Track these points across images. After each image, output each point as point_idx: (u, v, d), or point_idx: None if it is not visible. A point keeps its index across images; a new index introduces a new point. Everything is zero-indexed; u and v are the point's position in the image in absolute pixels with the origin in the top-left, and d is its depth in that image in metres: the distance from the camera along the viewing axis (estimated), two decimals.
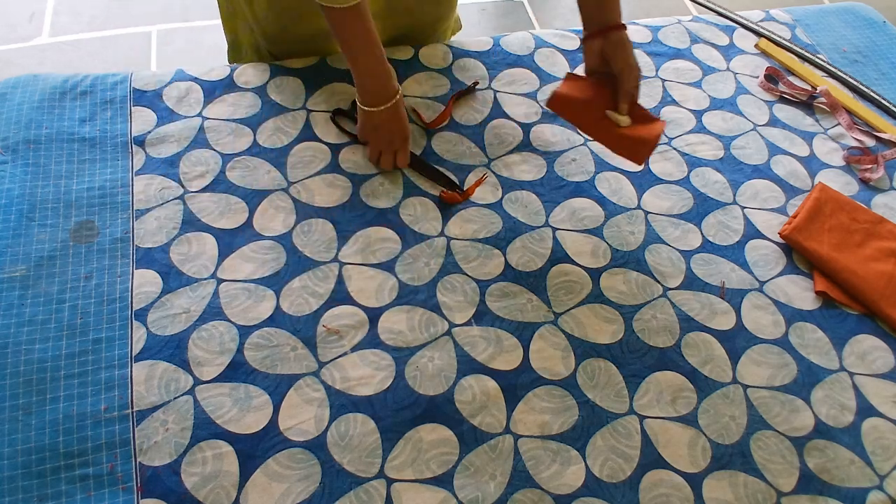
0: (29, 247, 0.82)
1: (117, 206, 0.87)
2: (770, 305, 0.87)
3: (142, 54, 1.88)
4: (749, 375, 0.80)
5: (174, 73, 1.01)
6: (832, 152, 1.05)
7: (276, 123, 0.97)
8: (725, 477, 0.73)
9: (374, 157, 0.93)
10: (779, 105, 1.11)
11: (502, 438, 0.73)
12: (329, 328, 0.79)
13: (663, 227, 0.93)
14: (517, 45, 1.13)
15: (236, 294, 0.81)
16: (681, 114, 1.07)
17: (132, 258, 0.82)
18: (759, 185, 0.99)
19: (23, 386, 0.72)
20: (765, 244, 0.93)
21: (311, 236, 0.86)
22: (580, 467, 0.72)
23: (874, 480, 0.74)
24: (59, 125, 0.93)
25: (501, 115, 1.03)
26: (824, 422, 0.78)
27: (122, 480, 0.68)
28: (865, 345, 0.85)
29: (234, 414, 0.72)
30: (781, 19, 1.26)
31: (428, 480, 0.70)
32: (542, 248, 0.89)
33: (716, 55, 1.17)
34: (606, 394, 0.77)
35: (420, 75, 1.06)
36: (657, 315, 0.84)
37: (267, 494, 0.68)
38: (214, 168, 0.91)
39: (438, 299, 0.83)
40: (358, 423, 0.73)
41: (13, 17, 1.93)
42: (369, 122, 0.90)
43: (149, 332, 0.77)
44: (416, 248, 0.87)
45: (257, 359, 0.76)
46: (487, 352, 0.79)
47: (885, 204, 0.99)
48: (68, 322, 0.77)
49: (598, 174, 0.98)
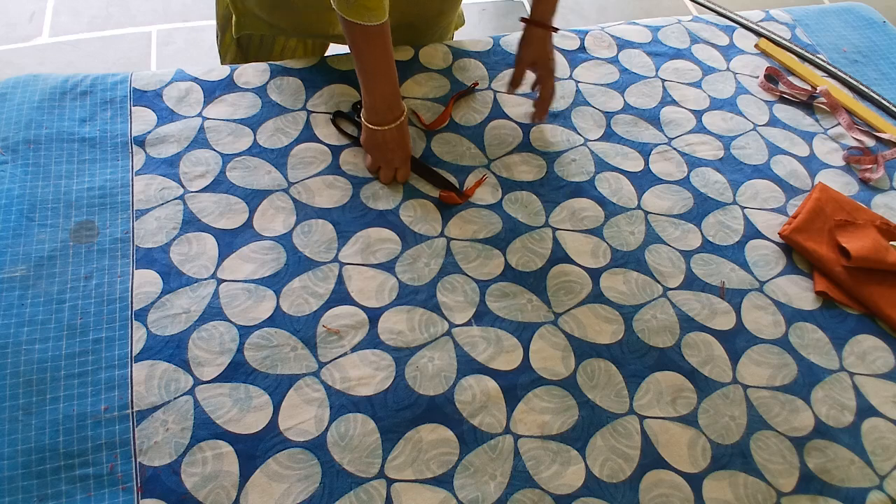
0: (29, 247, 0.82)
1: (117, 206, 0.87)
2: (770, 305, 0.87)
3: (142, 54, 1.88)
4: (749, 375, 0.80)
5: (174, 73, 1.01)
6: (832, 152, 1.05)
7: (276, 124, 0.97)
8: (725, 477, 0.73)
9: (374, 170, 0.93)
10: (779, 105, 1.11)
11: (502, 438, 0.73)
12: (329, 328, 0.79)
13: (663, 227, 0.93)
14: (517, 45, 1.12)
15: (236, 294, 0.81)
16: (681, 114, 1.07)
17: (132, 258, 0.82)
18: (759, 185, 0.99)
19: (23, 386, 0.72)
20: (765, 244, 0.93)
21: (311, 237, 0.86)
22: (580, 467, 0.72)
23: (874, 480, 0.74)
24: (59, 125, 0.93)
25: (501, 116, 1.03)
26: (824, 422, 0.78)
27: (122, 480, 0.68)
28: (865, 345, 0.85)
29: (234, 414, 0.72)
30: (781, 19, 1.26)
31: (428, 480, 0.70)
32: (542, 249, 0.89)
33: (716, 55, 1.17)
34: (606, 394, 0.77)
35: (420, 76, 1.06)
36: (657, 315, 0.84)
37: (267, 494, 0.68)
38: (214, 168, 0.91)
39: (438, 299, 0.83)
40: (358, 423, 0.73)
41: (13, 17, 1.93)
42: (372, 138, 0.90)
43: (149, 332, 0.77)
44: (416, 248, 0.87)
45: (257, 359, 0.76)
46: (487, 352, 0.79)
47: (885, 204, 0.99)
48: (68, 322, 0.77)
49: (598, 174, 0.98)
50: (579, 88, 1.08)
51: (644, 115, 1.06)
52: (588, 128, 1.03)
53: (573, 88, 1.08)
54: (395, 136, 0.89)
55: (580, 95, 1.07)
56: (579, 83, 1.09)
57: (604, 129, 1.03)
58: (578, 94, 1.07)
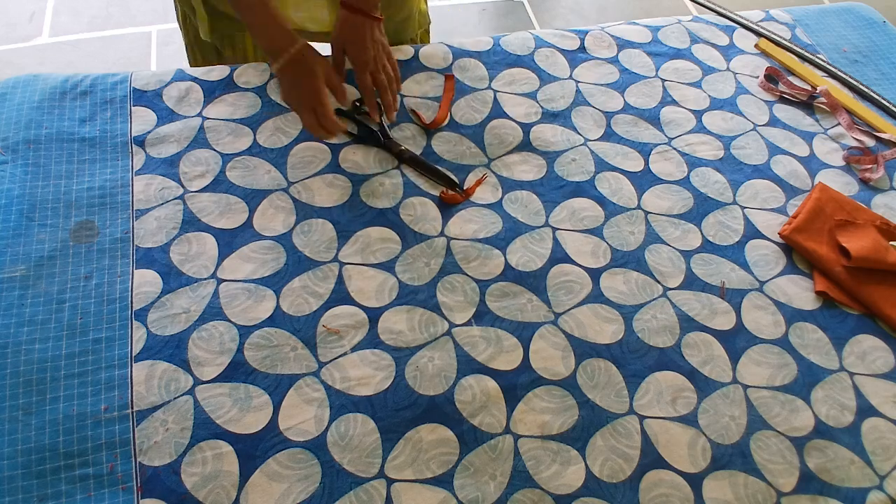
0: (29, 247, 0.82)
1: (117, 206, 0.87)
2: (770, 305, 0.87)
3: (142, 54, 1.88)
4: (749, 375, 0.80)
5: (174, 73, 1.01)
6: (832, 152, 1.05)
7: (276, 123, 0.97)
8: (725, 477, 0.73)
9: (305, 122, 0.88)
10: (779, 105, 1.11)
11: (502, 438, 0.73)
12: (329, 328, 0.79)
13: (663, 227, 0.93)
14: (517, 45, 1.13)
15: (236, 294, 0.81)
16: (681, 114, 1.07)
17: (132, 258, 0.82)
18: (759, 185, 0.99)
19: (23, 386, 0.72)
20: (765, 244, 0.93)
21: (311, 236, 0.86)
22: (580, 467, 0.72)
23: (874, 480, 0.74)
24: (59, 125, 0.93)
25: (501, 115, 1.03)
26: (824, 422, 0.78)
27: (122, 480, 0.68)
28: (865, 345, 0.85)
29: (234, 414, 0.72)
30: (781, 19, 1.26)
31: (428, 480, 0.70)
32: (542, 248, 0.89)
33: (716, 55, 1.17)
34: (606, 394, 0.77)
35: (420, 75, 1.06)
36: (657, 315, 0.84)
37: (267, 494, 0.68)
38: (214, 168, 0.91)
39: (438, 299, 0.83)
40: (358, 423, 0.73)
41: (13, 17, 1.93)
42: (280, 82, 0.85)
43: (149, 332, 0.77)
44: (416, 248, 0.87)
45: (257, 359, 0.76)
46: (487, 352, 0.79)
47: (885, 204, 0.99)
48: (68, 322, 0.77)
49: (598, 174, 0.98)
50: (579, 88, 1.08)
51: (644, 115, 1.06)
52: (588, 128, 1.03)
53: (573, 88, 1.08)
54: (295, 68, 0.85)
55: (580, 95, 1.07)
56: (579, 83, 1.09)
57: (604, 129, 1.03)
58: (578, 94, 1.07)
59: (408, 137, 0.98)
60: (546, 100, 1.06)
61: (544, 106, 1.05)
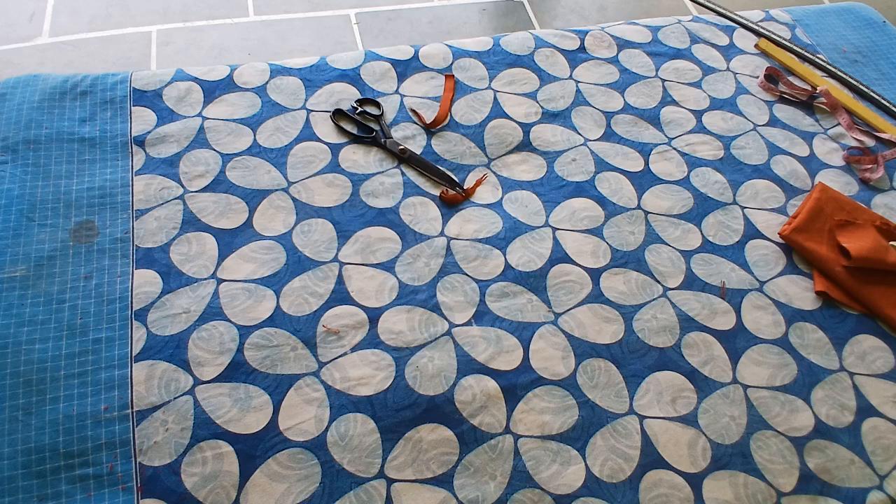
0: (29, 247, 0.82)
1: (117, 206, 0.87)
2: (770, 305, 0.87)
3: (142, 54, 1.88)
4: (749, 375, 0.80)
5: (174, 73, 1.01)
6: (832, 152, 1.05)
7: (276, 123, 0.97)
8: (725, 477, 0.73)
9: None
10: (779, 105, 1.11)
11: (502, 438, 0.73)
12: (329, 328, 0.79)
13: (663, 226, 0.93)
14: (517, 45, 1.13)
15: (236, 294, 0.81)
16: (681, 114, 1.07)
17: (132, 258, 0.82)
18: (759, 185, 0.99)
19: (23, 386, 0.72)
20: (765, 244, 0.93)
21: (311, 236, 0.86)
22: (580, 467, 0.72)
23: (874, 480, 0.74)
24: (59, 125, 0.93)
25: (501, 115, 1.03)
26: (824, 422, 0.78)
27: (122, 480, 0.68)
28: (865, 345, 0.85)
29: (234, 414, 0.72)
30: (781, 19, 1.26)
31: (428, 480, 0.70)
32: (542, 248, 0.89)
33: (716, 55, 1.17)
34: (606, 394, 0.77)
35: (420, 75, 1.06)
36: (657, 315, 0.84)
37: (267, 494, 0.68)
38: (214, 168, 0.91)
39: (438, 299, 0.83)
40: (358, 423, 0.73)
41: (13, 17, 1.93)
42: None
43: (149, 332, 0.77)
44: (416, 247, 0.87)
45: (257, 359, 0.76)
46: (487, 352, 0.79)
47: (885, 204, 0.99)
48: (68, 322, 0.77)
49: (598, 174, 0.98)
50: (579, 88, 1.08)
51: (644, 115, 1.06)
52: (588, 128, 1.03)
53: (573, 88, 1.08)
54: None
55: (580, 95, 1.07)
56: (579, 83, 1.09)
57: (604, 129, 1.03)
58: (578, 94, 1.07)
59: (408, 137, 0.98)
60: (546, 100, 1.06)
61: (544, 106, 1.05)
